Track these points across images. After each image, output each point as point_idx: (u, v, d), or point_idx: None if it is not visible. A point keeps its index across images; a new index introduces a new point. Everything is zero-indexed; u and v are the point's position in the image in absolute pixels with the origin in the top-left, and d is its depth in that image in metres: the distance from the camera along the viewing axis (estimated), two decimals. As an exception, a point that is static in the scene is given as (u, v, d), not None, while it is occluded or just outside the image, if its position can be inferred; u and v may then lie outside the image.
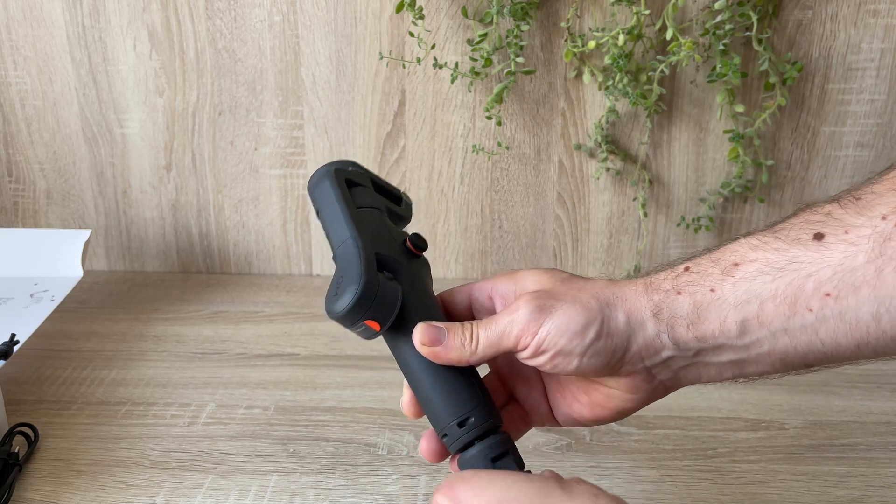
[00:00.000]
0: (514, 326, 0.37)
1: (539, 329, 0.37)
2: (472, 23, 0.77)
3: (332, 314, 0.39)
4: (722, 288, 0.36)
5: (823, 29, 0.77)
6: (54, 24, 0.81)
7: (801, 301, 0.34)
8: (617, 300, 0.38)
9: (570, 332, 0.37)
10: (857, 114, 0.81)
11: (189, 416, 0.63)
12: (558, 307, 0.37)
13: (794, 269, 0.35)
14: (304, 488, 0.54)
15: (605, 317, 0.37)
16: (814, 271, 0.34)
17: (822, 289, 0.34)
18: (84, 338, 0.76)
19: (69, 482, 0.54)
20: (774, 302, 0.35)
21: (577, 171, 0.85)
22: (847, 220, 0.34)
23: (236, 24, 0.81)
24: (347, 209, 0.42)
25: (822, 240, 0.34)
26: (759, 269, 0.36)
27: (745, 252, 0.36)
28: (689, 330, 0.37)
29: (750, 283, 0.36)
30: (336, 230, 0.41)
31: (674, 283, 0.38)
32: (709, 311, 0.36)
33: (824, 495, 0.53)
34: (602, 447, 0.59)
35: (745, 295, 0.36)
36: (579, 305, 0.37)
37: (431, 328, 0.39)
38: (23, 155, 0.87)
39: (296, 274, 0.92)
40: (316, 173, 0.45)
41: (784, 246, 0.35)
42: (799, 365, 0.37)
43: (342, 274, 0.39)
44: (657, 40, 0.77)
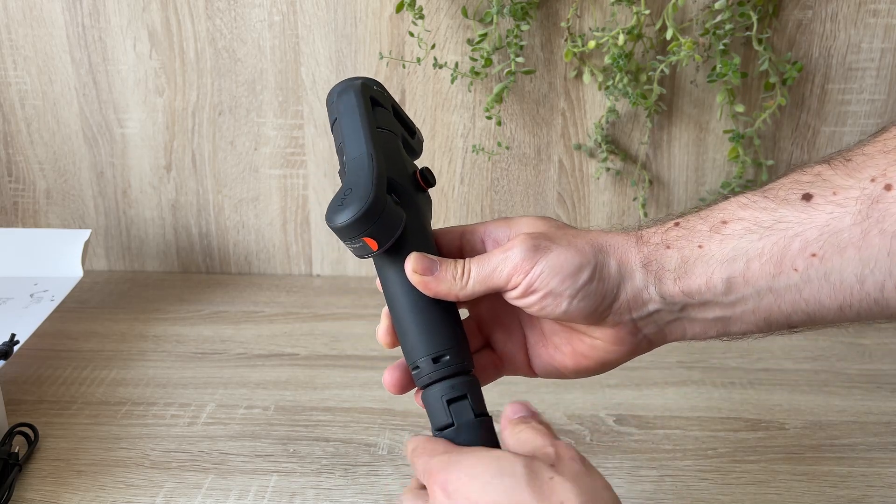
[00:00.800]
0: (507, 264, 0.37)
1: (532, 268, 0.37)
2: (472, 23, 0.77)
3: (334, 224, 0.38)
4: (710, 244, 0.36)
5: (823, 29, 0.77)
6: (54, 24, 0.81)
7: (787, 260, 0.35)
8: (610, 248, 0.38)
9: (563, 272, 0.37)
10: (858, 114, 0.81)
11: (189, 416, 0.63)
12: (553, 248, 0.37)
13: (782, 229, 0.35)
14: (304, 488, 0.54)
15: (599, 261, 0.37)
16: (800, 231, 0.34)
17: (808, 249, 0.34)
18: (84, 338, 0.76)
19: (69, 482, 0.54)
20: (761, 260, 0.35)
21: (577, 171, 0.85)
22: (836, 181, 0.34)
23: (236, 24, 0.81)
24: (368, 125, 0.41)
25: (810, 200, 0.35)
26: (747, 228, 0.36)
27: (733, 210, 0.37)
28: (676, 284, 0.37)
29: (737, 241, 0.36)
30: (352, 142, 0.40)
31: (663, 237, 0.38)
32: (695, 267, 0.37)
33: (824, 495, 0.53)
34: (602, 447, 0.59)
35: (731, 252, 0.36)
36: (574, 249, 0.38)
37: (425, 258, 0.39)
38: (23, 155, 0.87)
39: (296, 274, 0.92)
40: (341, 83, 0.44)
41: (772, 205, 0.36)
42: (782, 325, 0.37)
43: (350, 186, 0.38)
44: (657, 40, 0.77)
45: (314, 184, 0.87)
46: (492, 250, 0.39)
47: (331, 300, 0.85)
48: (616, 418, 0.62)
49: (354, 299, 0.85)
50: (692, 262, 0.37)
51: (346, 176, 0.40)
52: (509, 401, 0.58)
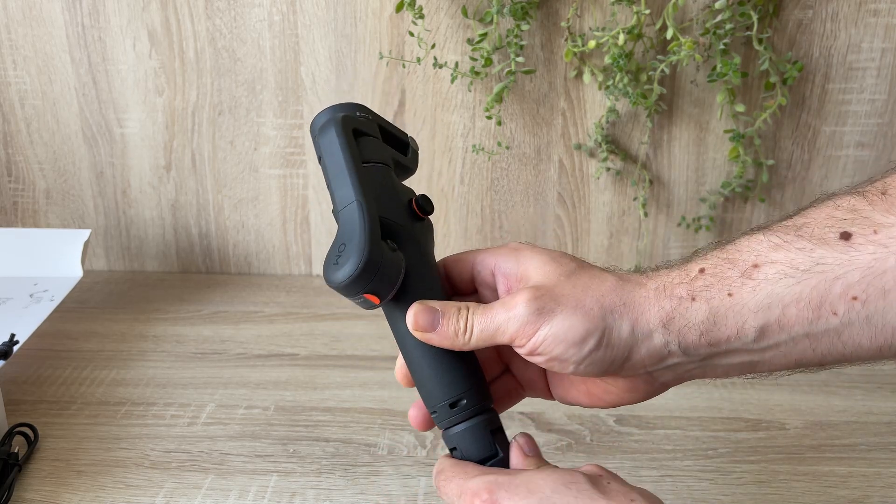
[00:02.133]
0: (511, 325, 0.36)
1: (536, 333, 0.36)
2: (472, 22, 0.77)
3: (332, 284, 0.37)
4: (741, 292, 0.34)
5: (824, 28, 0.77)
6: (54, 24, 0.81)
7: (827, 305, 0.33)
8: (624, 308, 0.36)
9: (567, 341, 0.35)
10: (858, 113, 0.80)
11: (189, 417, 0.63)
12: (558, 312, 0.35)
13: (820, 272, 0.33)
14: (304, 488, 0.54)
15: (608, 326, 0.35)
16: (841, 274, 0.32)
17: (850, 292, 0.32)
18: (84, 338, 0.76)
19: (69, 482, 0.54)
20: (798, 306, 0.33)
21: (578, 171, 0.85)
22: (875, 218, 0.32)
23: (236, 24, 0.80)
24: (354, 167, 0.39)
25: (849, 240, 0.32)
26: (782, 272, 0.33)
27: (765, 252, 0.34)
28: (702, 337, 0.35)
29: (772, 287, 0.33)
30: (340, 189, 0.39)
31: (689, 287, 0.35)
32: (726, 318, 0.34)
33: (825, 495, 0.53)
34: (602, 447, 0.59)
35: (766, 299, 0.34)
36: (580, 313, 0.35)
37: (426, 312, 0.38)
38: (22, 155, 0.87)
39: (295, 274, 0.92)
40: (320, 116, 0.41)
41: (809, 245, 0.33)
42: (813, 365, 0.35)
43: (344, 241, 0.37)
44: (657, 40, 0.77)
45: (314, 184, 0.87)
46: (496, 303, 0.38)
47: (331, 300, 0.85)
48: (616, 418, 0.62)
49: (354, 299, 0.85)
50: (722, 314, 0.34)
51: (339, 225, 0.39)
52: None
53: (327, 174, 0.40)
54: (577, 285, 0.37)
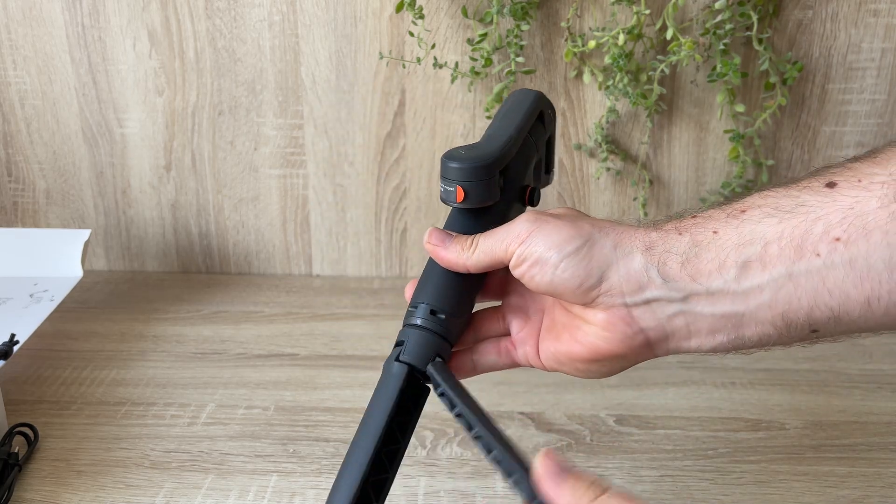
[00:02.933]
0: (509, 234, 0.39)
1: (528, 237, 0.38)
2: (472, 22, 0.77)
3: (447, 162, 0.42)
4: (725, 230, 0.35)
5: (824, 29, 0.77)
6: (54, 24, 0.81)
7: (809, 244, 0.32)
8: (611, 229, 0.38)
9: (550, 241, 0.37)
10: (858, 113, 0.81)
11: (189, 417, 0.63)
12: (551, 221, 0.38)
13: (803, 213, 0.33)
14: (304, 488, 0.54)
15: (591, 237, 0.37)
16: (822, 214, 0.32)
17: (832, 232, 0.32)
18: (84, 338, 0.76)
19: (69, 482, 0.54)
20: (780, 244, 0.33)
21: (578, 171, 0.85)
22: (862, 169, 0.33)
23: (236, 24, 0.80)
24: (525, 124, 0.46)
25: (833, 187, 0.33)
26: (766, 213, 0.34)
27: (753, 199, 0.36)
28: (683, 268, 0.35)
29: (755, 225, 0.34)
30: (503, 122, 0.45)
31: (677, 224, 0.37)
32: (707, 250, 0.35)
33: (825, 495, 0.53)
34: (602, 447, 0.59)
35: (748, 236, 0.34)
36: (571, 224, 0.38)
37: (442, 233, 0.43)
38: (22, 155, 0.87)
39: (295, 274, 0.92)
40: (527, 89, 0.49)
41: (794, 192, 0.34)
42: (803, 325, 0.34)
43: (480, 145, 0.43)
44: (657, 40, 0.77)
45: (314, 184, 0.87)
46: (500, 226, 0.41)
47: (331, 300, 0.85)
48: (616, 418, 0.62)
49: (354, 299, 0.85)
50: (704, 246, 0.35)
51: (482, 137, 0.45)
52: (510, 400, 0.58)
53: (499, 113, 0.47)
54: (578, 214, 0.41)
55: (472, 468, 0.56)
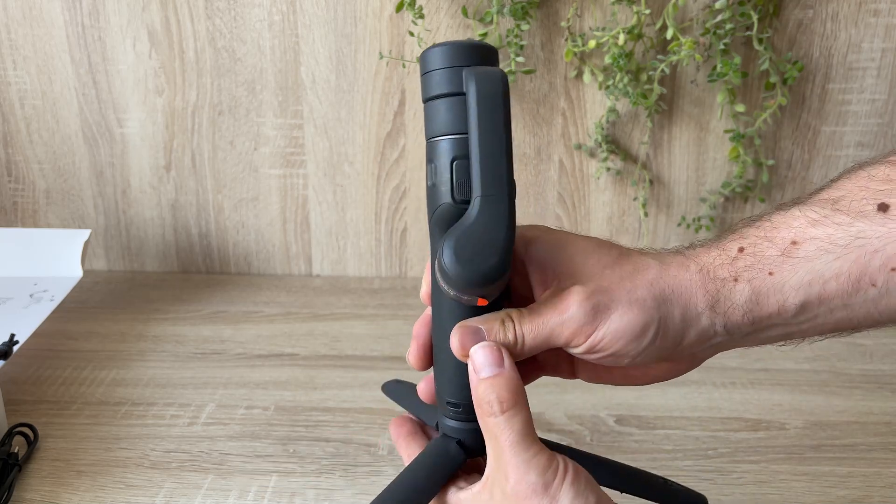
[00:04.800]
0: (567, 328, 0.35)
1: (594, 332, 0.35)
2: (472, 22, 0.77)
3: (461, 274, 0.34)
4: (781, 271, 0.34)
5: (824, 28, 0.77)
6: (54, 24, 0.81)
7: (866, 277, 0.33)
8: (673, 295, 0.35)
9: (626, 336, 0.35)
10: (858, 113, 0.80)
11: (189, 417, 0.63)
12: (614, 309, 0.35)
13: (860, 246, 0.33)
14: (304, 488, 0.54)
15: (662, 316, 0.35)
16: (881, 247, 0.33)
17: (890, 264, 0.32)
18: (84, 338, 0.76)
19: (69, 482, 0.54)
20: (838, 281, 0.33)
21: (578, 171, 0.85)
22: None
23: (236, 24, 0.80)
24: (510, 151, 0.34)
25: (887, 211, 0.33)
26: (822, 248, 0.34)
27: (803, 228, 0.34)
28: (746, 316, 0.35)
29: (812, 264, 0.34)
30: (495, 173, 0.33)
31: (730, 268, 0.35)
32: (768, 297, 0.35)
33: (825, 495, 0.53)
34: (602, 447, 0.59)
35: (807, 276, 0.34)
36: (636, 306, 0.35)
37: (469, 332, 0.36)
38: (22, 155, 0.87)
39: (295, 274, 0.92)
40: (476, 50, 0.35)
41: (847, 220, 0.33)
42: (847, 330, 0.36)
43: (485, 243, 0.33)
44: (657, 40, 0.77)
45: (314, 183, 0.87)
46: (542, 305, 0.36)
47: (331, 300, 0.85)
48: (616, 418, 0.62)
49: (354, 299, 0.85)
50: (764, 293, 0.35)
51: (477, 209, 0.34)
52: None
53: (475, 132, 0.34)
54: (624, 276, 0.36)
55: (472, 468, 0.56)
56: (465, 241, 0.34)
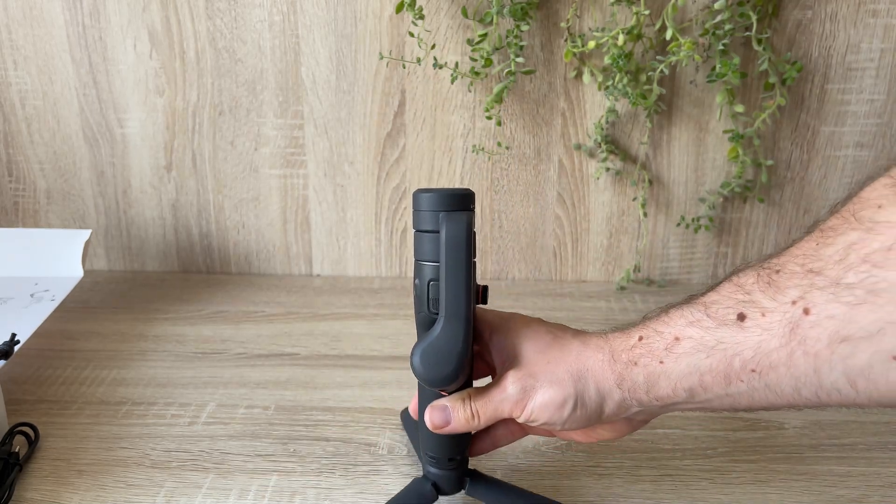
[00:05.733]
0: (506, 404, 0.45)
1: (525, 407, 0.44)
2: (472, 23, 0.77)
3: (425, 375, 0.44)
4: (668, 361, 0.42)
5: (823, 29, 0.77)
6: (54, 24, 0.81)
7: (733, 374, 0.39)
8: (587, 374, 0.44)
9: (550, 408, 0.44)
10: (857, 114, 0.81)
11: (189, 416, 0.63)
12: (538, 388, 0.44)
13: (722, 349, 0.39)
14: (304, 488, 0.54)
15: (579, 392, 0.44)
16: (738, 351, 0.39)
17: (748, 366, 0.38)
18: (84, 337, 0.76)
19: (70, 482, 0.54)
20: (712, 374, 0.40)
21: (577, 171, 0.85)
22: (764, 303, 0.38)
23: (236, 24, 0.81)
24: (471, 280, 0.43)
25: (743, 321, 0.39)
26: (695, 346, 0.41)
27: (682, 327, 0.41)
28: (649, 395, 0.43)
29: (689, 358, 0.41)
30: (456, 296, 0.43)
31: (629, 354, 0.43)
32: (659, 381, 0.42)
33: (824, 495, 0.53)
34: (601, 447, 0.59)
35: (686, 368, 0.41)
36: (556, 385, 0.44)
37: (439, 411, 0.46)
38: (23, 155, 0.88)
39: (296, 274, 0.92)
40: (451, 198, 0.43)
41: (713, 325, 0.40)
42: (748, 411, 0.44)
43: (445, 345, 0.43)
44: (657, 40, 0.77)
45: (314, 184, 0.87)
46: (489, 387, 0.46)
47: (331, 300, 0.85)
48: (616, 418, 0.62)
49: (354, 299, 0.85)
50: (655, 378, 0.42)
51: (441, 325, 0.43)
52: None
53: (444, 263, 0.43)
54: (550, 360, 0.45)
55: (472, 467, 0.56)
56: (430, 351, 0.43)
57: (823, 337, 0.36)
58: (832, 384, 0.36)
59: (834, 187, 0.84)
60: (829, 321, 0.35)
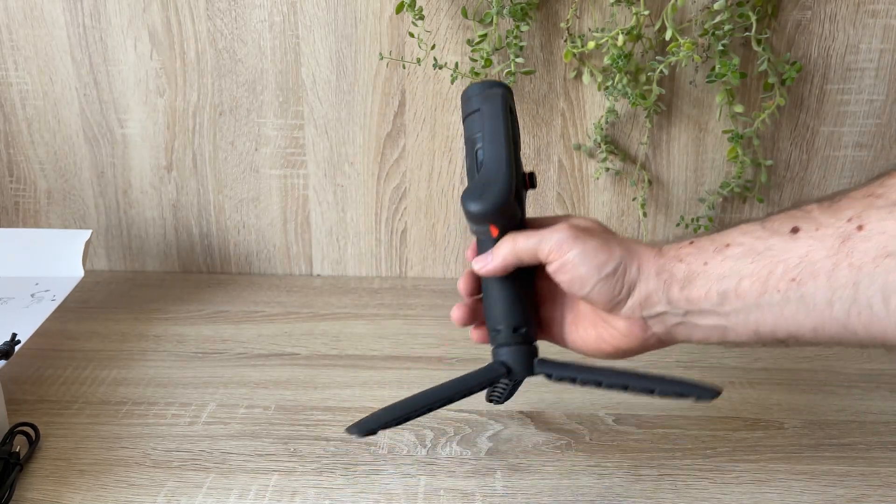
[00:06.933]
0: (548, 242, 0.46)
1: (568, 252, 0.45)
2: (471, 23, 0.78)
3: (471, 209, 0.46)
4: (711, 263, 0.43)
5: (822, 29, 0.78)
6: (55, 25, 0.82)
7: (772, 282, 0.41)
8: (636, 255, 0.45)
9: (590, 262, 0.45)
10: (856, 114, 0.81)
11: (190, 416, 0.63)
12: (589, 241, 0.45)
13: (769, 255, 0.41)
14: (304, 487, 0.54)
15: (623, 263, 0.45)
16: (784, 258, 0.40)
17: (789, 274, 0.40)
18: (85, 337, 0.76)
19: (70, 482, 0.54)
20: (750, 279, 0.42)
21: (577, 172, 0.85)
22: (821, 219, 0.40)
23: (237, 25, 0.81)
24: (508, 134, 0.48)
25: (796, 233, 0.41)
26: (743, 252, 0.42)
27: (736, 236, 0.43)
28: (682, 291, 0.44)
29: (734, 262, 0.42)
30: (494, 144, 0.48)
31: (677, 252, 0.45)
32: (697, 280, 0.43)
33: (823, 494, 0.53)
34: (602, 446, 0.59)
35: (728, 271, 0.42)
36: (606, 247, 0.45)
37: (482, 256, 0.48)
38: (23, 155, 0.88)
39: (296, 274, 0.92)
40: (485, 84, 0.50)
41: (766, 235, 0.42)
42: (769, 338, 0.43)
43: (490, 182, 0.47)
44: (656, 41, 0.77)
45: (314, 184, 0.87)
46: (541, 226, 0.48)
47: (331, 300, 0.85)
48: (615, 417, 0.63)
49: (354, 299, 0.85)
50: (696, 276, 0.43)
51: (483, 168, 0.47)
52: (510, 399, 0.58)
53: (484, 129, 0.49)
54: (608, 233, 0.48)
55: (472, 467, 0.56)
56: (474, 188, 0.47)
57: (871, 250, 0.37)
58: (867, 300, 0.38)
59: (833, 187, 0.84)
60: (880, 236, 0.37)
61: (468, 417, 0.62)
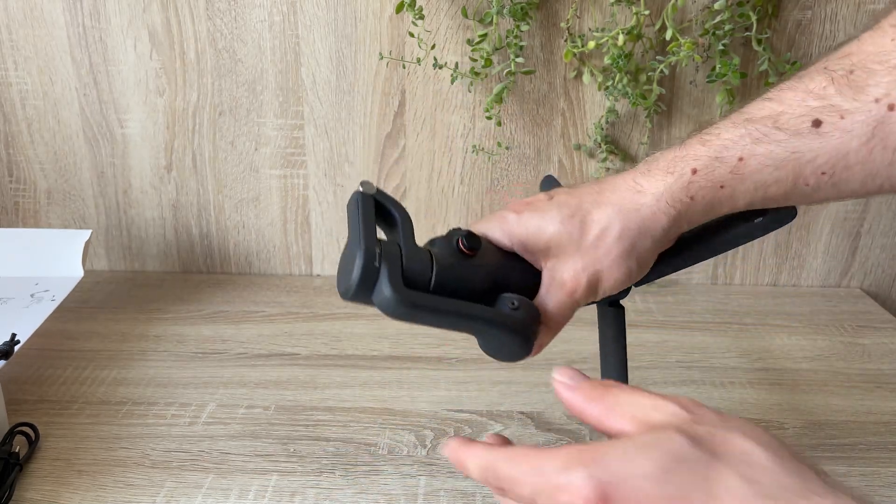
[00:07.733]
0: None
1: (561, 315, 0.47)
2: (472, 23, 0.77)
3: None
4: (731, 183, 0.40)
5: (823, 29, 0.77)
6: (55, 25, 0.82)
7: (801, 179, 0.39)
8: (643, 231, 0.42)
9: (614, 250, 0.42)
10: (857, 114, 0.81)
11: (189, 416, 0.63)
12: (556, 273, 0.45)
13: (795, 159, 0.39)
14: (304, 488, 0.54)
15: (637, 250, 0.42)
16: (812, 158, 0.38)
17: (820, 170, 0.38)
18: (85, 337, 0.76)
19: (70, 482, 0.54)
20: (778, 185, 0.40)
21: (577, 171, 0.85)
22: (843, 105, 0.37)
23: (237, 25, 0.81)
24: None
25: (819, 126, 0.38)
26: (763, 163, 0.39)
27: (749, 146, 0.39)
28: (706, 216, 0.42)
29: (756, 176, 0.40)
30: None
31: (687, 191, 0.41)
32: (721, 205, 0.41)
33: (823, 495, 0.53)
34: (602, 447, 0.59)
35: (752, 186, 0.40)
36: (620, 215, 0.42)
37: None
38: (23, 155, 0.88)
39: (296, 274, 0.92)
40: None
41: (784, 137, 0.39)
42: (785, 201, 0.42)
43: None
44: (657, 40, 0.77)
45: (314, 184, 0.87)
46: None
47: (331, 300, 0.85)
48: (616, 418, 0.62)
49: (354, 299, 0.85)
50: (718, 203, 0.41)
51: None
52: (510, 399, 0.58)
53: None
54: (598, 190, 0.44)
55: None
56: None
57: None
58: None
59: (834, 187, 0.84)
60: None
61: (468, 418, 0.62)
